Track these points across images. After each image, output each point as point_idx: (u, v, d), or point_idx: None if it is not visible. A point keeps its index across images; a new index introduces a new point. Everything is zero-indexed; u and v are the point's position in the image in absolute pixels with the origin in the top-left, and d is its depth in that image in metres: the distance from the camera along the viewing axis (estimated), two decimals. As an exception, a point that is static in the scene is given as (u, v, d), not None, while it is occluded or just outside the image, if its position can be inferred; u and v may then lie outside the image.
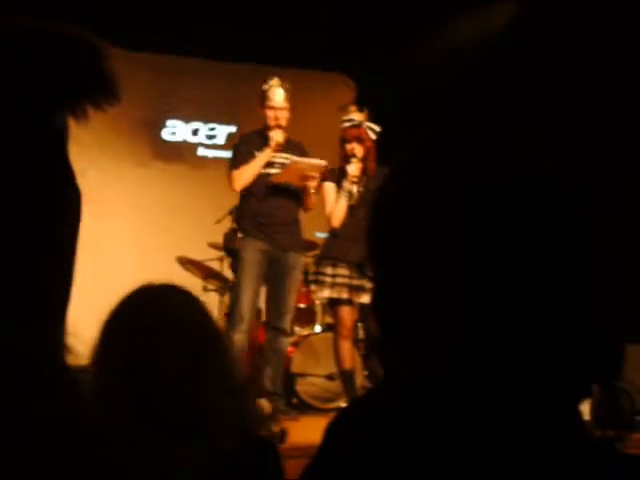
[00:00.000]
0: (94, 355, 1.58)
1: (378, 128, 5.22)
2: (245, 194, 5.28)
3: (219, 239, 5.84)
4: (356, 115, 5.27)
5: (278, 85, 5.30)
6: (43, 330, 0.67)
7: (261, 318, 5.80)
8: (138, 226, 7.85)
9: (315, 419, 5.30)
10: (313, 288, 5.20)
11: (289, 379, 5.91)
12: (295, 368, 6.02)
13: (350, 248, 5.03)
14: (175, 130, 8.47)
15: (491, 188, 0.84)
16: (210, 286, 6.35)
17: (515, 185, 0.84)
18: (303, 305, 6.43)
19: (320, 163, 5.18)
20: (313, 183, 5.17)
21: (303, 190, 5.24)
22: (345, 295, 5.05)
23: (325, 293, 5.09)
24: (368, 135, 5.19)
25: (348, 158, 5.17)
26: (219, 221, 6.05)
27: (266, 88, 5.28)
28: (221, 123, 8.45)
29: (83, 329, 0.74)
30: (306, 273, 6.34)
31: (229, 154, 5.57)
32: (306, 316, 6.51)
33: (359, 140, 5.17)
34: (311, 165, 5.17)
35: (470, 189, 0.84)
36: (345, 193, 5.13)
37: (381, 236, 0.91)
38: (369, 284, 5.01)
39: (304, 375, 6.03)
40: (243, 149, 5.33)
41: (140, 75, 7.56)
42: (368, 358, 5.89)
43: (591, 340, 0.84)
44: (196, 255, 6.46)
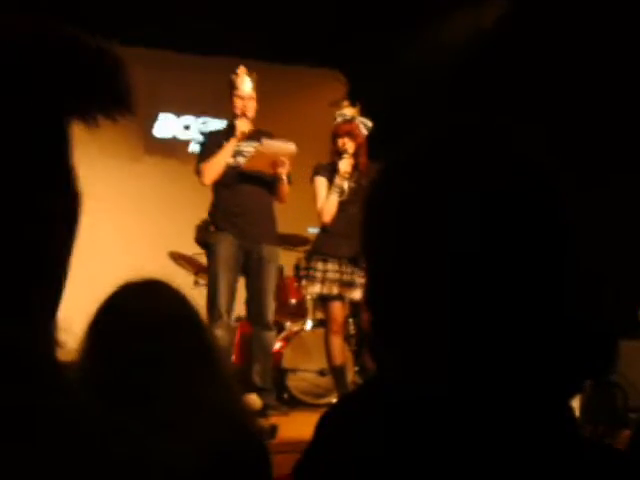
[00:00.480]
0: (81, 350, 1.58)
1: (370, 123, 5.22)
2: (217, 186, 5.19)
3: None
4: (348, 110, 5.27)
5: (246, 74, 5.23)
6: (37, 326, 0.67)
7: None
8: (129, 221, 7.83)
9: (306, 414, 5.30)
10: (304, 283, 5.19)
11: (280, 374, 5.91)
12: (286, 363, 6.02)
13: (341, 244, 5.03)
14: (166, 125, 8.45)
15: (485, 186, 0.84)
16: (201, 280, 6.35)
17: (509, 183, 0.84)
18: (294, 300, 6.43)
19: (289, 147, 5.10)
20: (284, 169, 5.09)
21: (275, 178, 5.15)
22: (336, 291, 5.05)
23: (316, 289, 5.09)
24: (360, 130, 5.18)
25: (339, 154, 5.17)
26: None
27: (234, 77, 5.21)
28: (213, 117, 8.42)
29: (73, 324, 0.74)
30: (297, 268, 6.35)
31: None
32: (297, 311, 6.51)
33: (350, 135, 5.16)
34: (280, 149, 5.10)
35: (464, 188, 0.84)
36: (336, 189, 5.13)
37: (374, 233, 0.91)
38: (360, 280, 5.02)
39: (295, 370, 6.03)
40: (211, 142, 5.25)
41: (130, 69, 7.52)
42: (359, 354, 5.90)
43: (583, 335, 0.84)
44: (187, 250, 6.44)
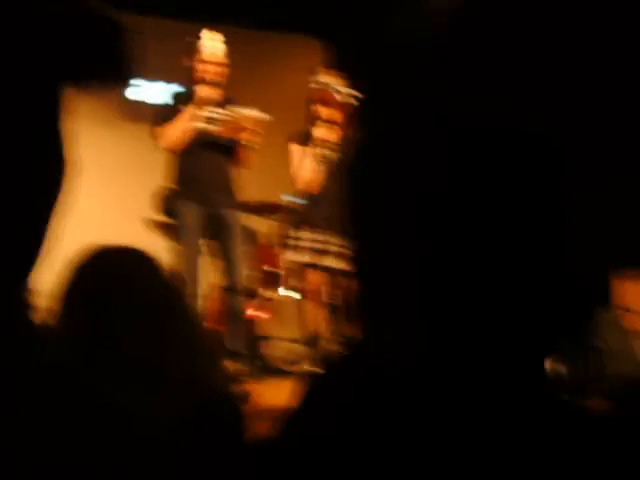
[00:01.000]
0: (53, 314, 1.57)
1: (352, 91, 5.17)
2: (176, 151, 5.11)
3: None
4: (323, 77, 5.24)
5: (209, 38, 5.15)
6: (16, 282, 0.67)
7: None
8: (102, 187, 7.77)
9: (279, 382, 5.32)
10: (278, 251, 5.20)
11: (254, 342, 5.92)
12: (260, 331, 6.03)
13: (316, 212, 5.03)
14: (140, 90, 8.37)
15: (463, 143, 0.84)
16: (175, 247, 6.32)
17: (488, 137, 0.85)
18: (268, 268, 6.43)
19: (264, 116, 5.06)
20: (256, 138, 5.05)
21: (237, 143, 5.10)
22: (309, 258, 5.06)
23: (290, 256, 5.09)
24: (334, 98, 5.15)
25: (313, 120, 5.15)
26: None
27: (196, 41, 5.13)
28: (183, 84, 8.31)
29: (45, 286, 0.74)
30: (282, 236, 6.34)
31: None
32: (271, 279, 6.51)
33: (324, 102, 5.14)
34: (255, 118, 5.05)
35: (442, 145, 0.85)
36: (310, 156, 5.11)
37: (357, 200, 0.92)
38: (334, 247, 5.03)
39: (269, 338, 6.04)
40: (167, 105, 5.17)
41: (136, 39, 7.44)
42: (333, 321, 5.92)
43: (561, 291, 0.85)
44: (160, 216, 6.41)
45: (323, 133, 5.12)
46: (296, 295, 5.73)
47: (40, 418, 0.63)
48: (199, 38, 5.14)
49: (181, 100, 5.19)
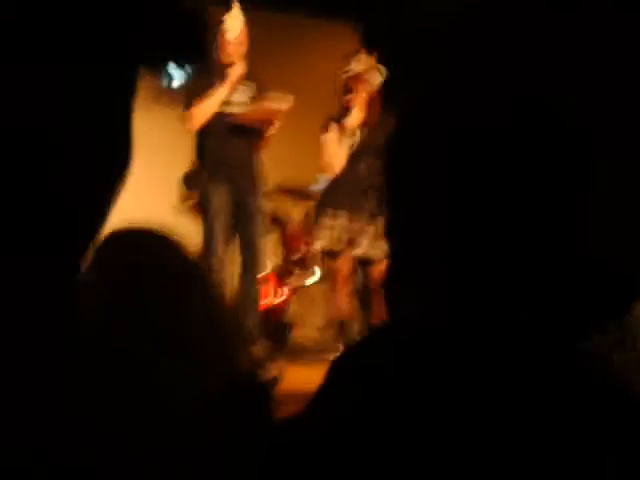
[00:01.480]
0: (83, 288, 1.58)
1: (378, 78, 5.15)
2: (204, 135, 5.05)
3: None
4: (355, 63, 5.22)
5: (236, 18, 5.06)
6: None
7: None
8: (137, 170, 7.79)
9: (307, 368, 5.33)
10: (308, 238, 5.19)
11: (283, 327, 5.94)
12: (289, 317, 6.05)
13: (344, 199, 5.02)
14: (176, 75, 8.38)
15: (494, 119, 0.85)
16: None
17: (518, 114, 0.86)
18: (299, 254, 6.44)
19: (286, 103, 4.98)
20: (277, 125, 5.02)
21: (263, 130, 5.07)
22: (341, 245, 5.05)
23: (322, 242, 5.09)
24: (365, 84, 5.13)
25: (346, 108, 5.14)
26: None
27: (222, 21, 5.04)
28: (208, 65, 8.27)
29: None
30: (306, 221, 6.34)
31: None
32: (301, 266, 6.51)
33: (355, 90, 5.12)
34: (277, 105, 4.99)
35: (474, 121, 0.86)
36: (345, 143, 5.10)
37: (391, 177, 0.92)
38: (363, 235, 5.02)
39: (298, 324, 6.06)
40: (197, 87, 5.09)
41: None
42: (364, 308, 5.92)
43: (597, 274, 0.84)
44: (194, 199, 6.43)
45: (355, 121, 5.10)
46: (326, 281, 5.73)
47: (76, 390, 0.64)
48: (222, 20, 5.06)
49: (204, 80, 5.11)
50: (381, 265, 4.93)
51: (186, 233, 1.75)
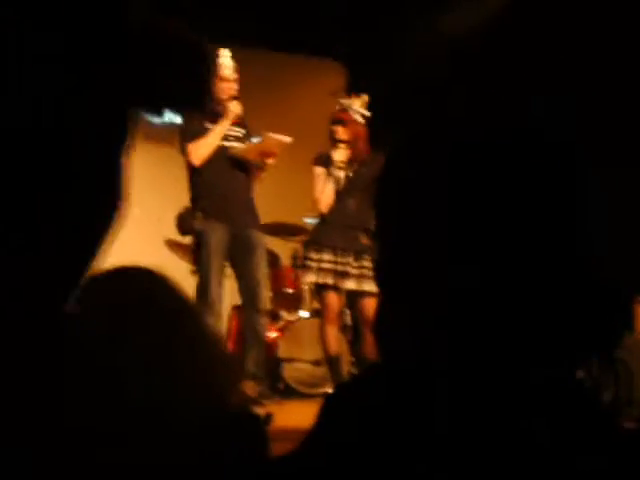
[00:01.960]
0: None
1: (366, 112, 5.20)
2: (199, 170, 5.10)
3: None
4: (346, 99, 5.27)
5: (228, 57, 5.18)
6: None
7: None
8: (126, 209, 7.80)
9: (300, 404, 5.31)
10: (300, 273, 5.19)
11: (275, 364, 5.91)
12: (281, 353, 6.02)
13: (336, 234, 5.03)
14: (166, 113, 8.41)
15: (486, 151, 0.85)
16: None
17: (514, 144, 0.86)
18: (290, 290, 6.43)
19: (286, 140, 5.10)
20: (272, 160, 5.11)
21: (258, 165, 5.16)
22: (330, 280, 5.05)
23: (311, 278, 5.09)
24: (353, 119, 5.17)
25: (335, 143, 5.17)
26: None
27: (217, 61, 5.13)
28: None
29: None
30: (294, 257, 6.35)
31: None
32: (293, 301, 6.51)
33: (342, 123, 5.16)
34: (278, 142, 5.09)
35: (465, 152, 0.86)
36: (332, 179, 5.12)
37: (384, 206, 0.93)
38: (354, 270, 5.02)
39: (290, 360, 6.03)
40: (194, 122, 5.14)
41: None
42: (354, 344, 5.90)
43: (592, 299, 0.84)
44: (184, 239, 6.44)
45: (343, 155, 5.13)
46: (316, 317, 5.72)
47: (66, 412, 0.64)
48: (217, 57, 5.16)
49: (203, 117, 5.18)
50: (371, 300, 4.93)
51: (177, 270, 1.75)
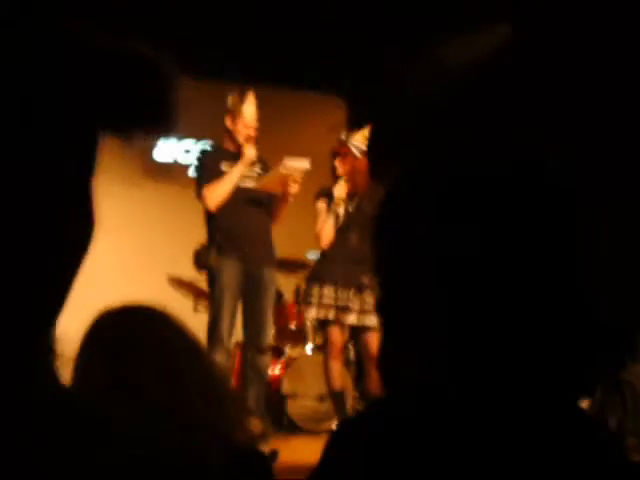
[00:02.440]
0: (73, 374, 1.59)
1: (363, 147, 5.20)
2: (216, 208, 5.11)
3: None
4: (343, 134, 5.30)
5: (252, 102, 5.20)
6: (39, 336, 0.67)
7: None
8: (128, 246, 7.82)
9: (305, 440, 5.28)
10: (302, 308, 5.19)
11: (279, 400, 5.89)
12: (285, 389, 6.00)
13: (337, 269, 5.03)
14: (167, 149, 8.45)
15: (484, 189, 0.85)
16: (200, 307, 6.34)
17: (509, 181, 0.86)
18: (293, 326, 6.42)
19: (304, 164, 5.06)
20: (295, 188, 5.07)
21: (273, 198, 5.15)
22: (331, 316, 5.04)
23: (313, 313, 5.08)
24: (351, 152, 5.18)
25: (336, 177, 5.19)
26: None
27: (239, 104, 5.17)
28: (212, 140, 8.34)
29: (70, 345, 0.74)
30: (297, 293, 6.34)
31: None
32: (296, 337, 6.49)
33: (340, 157, 5.18)
34: (296, 168, 5.05)
35: (464, 192, 0.86)
36: (332, 214, 5.13)
37: (379, 245, 0.93)
38: (356, 305, 5.01)
39: (294, 396, 6.00)
40: (210, 164, 5.17)
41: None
42: (359, 379, 5.88)
43: (592, 330, 0.84)
44: (186, 276, 6.44)
45: (342, 190, 5.14)
46: (319, 353, 5.70)
47: (58, 462, 0.63)
48: (241, 102, 5.16)
49: (219, 158, 5.21)
50: (374, 334, 4.91)
51: (182, 308, 1.75)
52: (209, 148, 5.59)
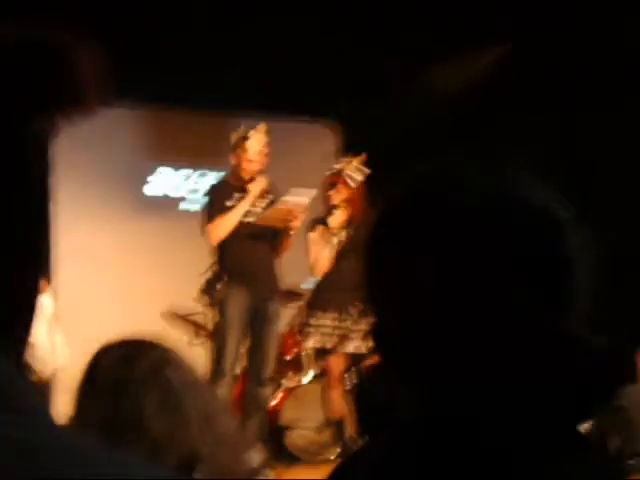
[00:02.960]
0: (74, 408, 1.59)
1: (357, 176, 5.21)
2: (223, 242, 5.16)
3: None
4: (337, 162, 5.31)
5: (257, 138, 5.19)
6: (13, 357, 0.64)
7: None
8: (120, 280, 7.79)
9: (304, 471, 5.24)
10: (299, 338, 5.18)
11: (278, 432, 5.85)
12: (283, 420, 5.96)
13: (333, 297, 5.03)
14: (159, 182, 8.41)
15: (472, 222, 0.85)
16: (195, 340, 6.31)
17: (497, 214, 0.86)
18: (290, 356, 6.39)
19: (304, 201, 5.11)
20: (297, 223, 5.11)
21: (282, 232, 5.17)
22: (329, 345, 5.04)
23: (310, 343, 5.08)
24: (346, 182, 5.19)
25: (330, 207, 5.20)
26: (204, 274, 6.00)
27: (244, 139, 5.17)
28: (211, 169, 8.30)
29: (69, 379, 0.74)
30: (292, 324, 6.32)
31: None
32: (294, 367, 6.46)
33: (334, 187, 5.19)
34: (296, 204, 5.10)
35: (454, 223, 0.86)
36: (327, 243, 5.14)
37: (374, 276, 0.92)
38: (353, 333, 5.01)
39: (292, 427, 5.96)
40: (215, 200, 5.22)
41: (125, 124, 7.63)
42: (358, 407, 5.85)
43: (587, 356, 0.84)
44: (180, 309, 6.42)
45: (336, 220, 5.14)
46: (317, 382, 5.68)
47: None
48: (244, 138, 5.17)
49: (225, 194, 5.23)
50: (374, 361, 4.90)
51: (177, 341, 1.75)
52: (216, 183, 5.61)
